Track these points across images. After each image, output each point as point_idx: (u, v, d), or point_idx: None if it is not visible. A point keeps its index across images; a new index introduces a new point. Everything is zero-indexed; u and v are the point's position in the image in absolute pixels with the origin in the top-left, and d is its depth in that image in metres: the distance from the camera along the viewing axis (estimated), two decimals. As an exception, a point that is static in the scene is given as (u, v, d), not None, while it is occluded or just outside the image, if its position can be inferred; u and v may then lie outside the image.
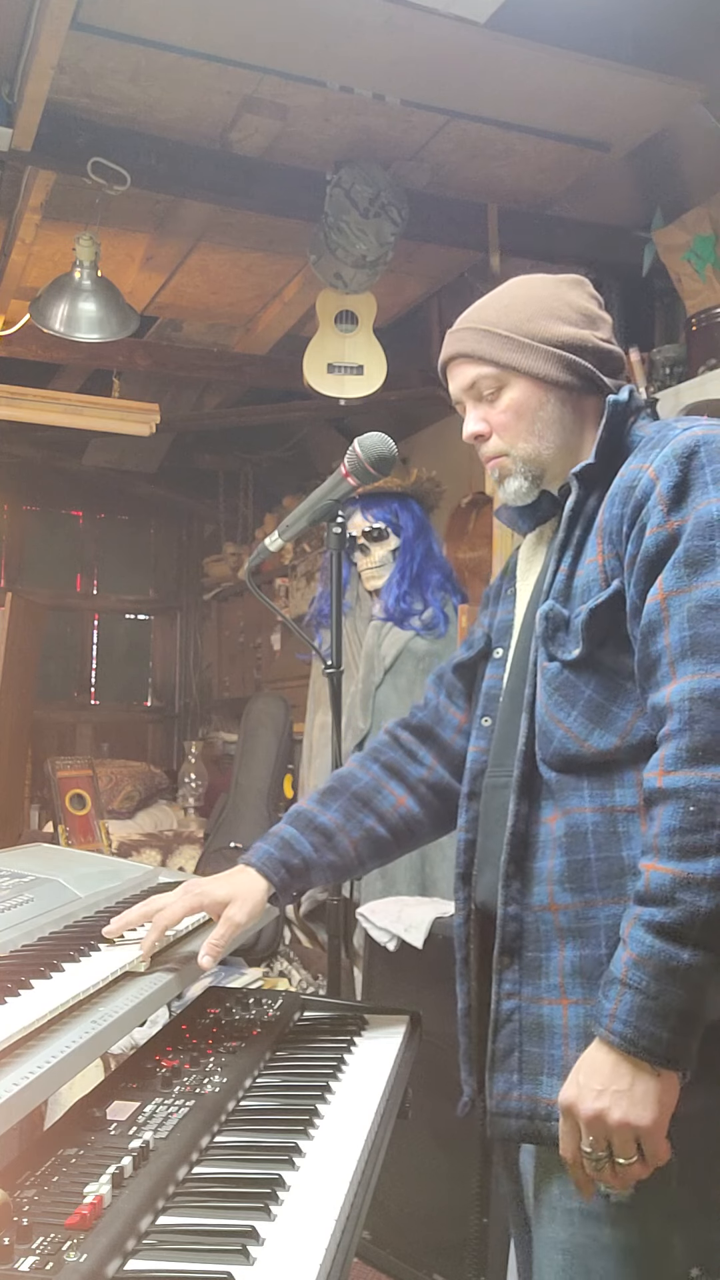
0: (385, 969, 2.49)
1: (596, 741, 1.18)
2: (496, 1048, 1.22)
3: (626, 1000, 1.03)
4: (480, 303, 1.37)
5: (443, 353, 1.37)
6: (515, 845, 1.23)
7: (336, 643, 2.03)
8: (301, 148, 3.20)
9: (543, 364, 1.29)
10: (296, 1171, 1.07)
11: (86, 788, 4.50)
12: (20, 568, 6.41)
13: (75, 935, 1.43)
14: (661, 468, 1.16)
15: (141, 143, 3.09)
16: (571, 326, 1.30)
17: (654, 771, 1.07)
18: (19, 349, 3.98)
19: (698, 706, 1.04)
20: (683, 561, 1.11)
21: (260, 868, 1.40)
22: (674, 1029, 1.02)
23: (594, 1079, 1.05)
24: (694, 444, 1.16)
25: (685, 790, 1.03)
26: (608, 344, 1.33)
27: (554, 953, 1.19)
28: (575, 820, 1.18)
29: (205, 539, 6.80)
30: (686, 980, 1.01)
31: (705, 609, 1.08)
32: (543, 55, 2.71)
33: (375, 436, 1.82)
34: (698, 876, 1.01)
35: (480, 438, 1.34)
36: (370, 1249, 2.40)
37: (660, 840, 1.04)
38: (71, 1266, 0.82)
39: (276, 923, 3.76)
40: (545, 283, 1.35)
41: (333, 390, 3.59)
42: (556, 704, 1.22)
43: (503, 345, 1.30)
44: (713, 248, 3.03)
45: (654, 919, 1.03)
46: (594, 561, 1.22)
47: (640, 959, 1.03)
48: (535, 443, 1.31)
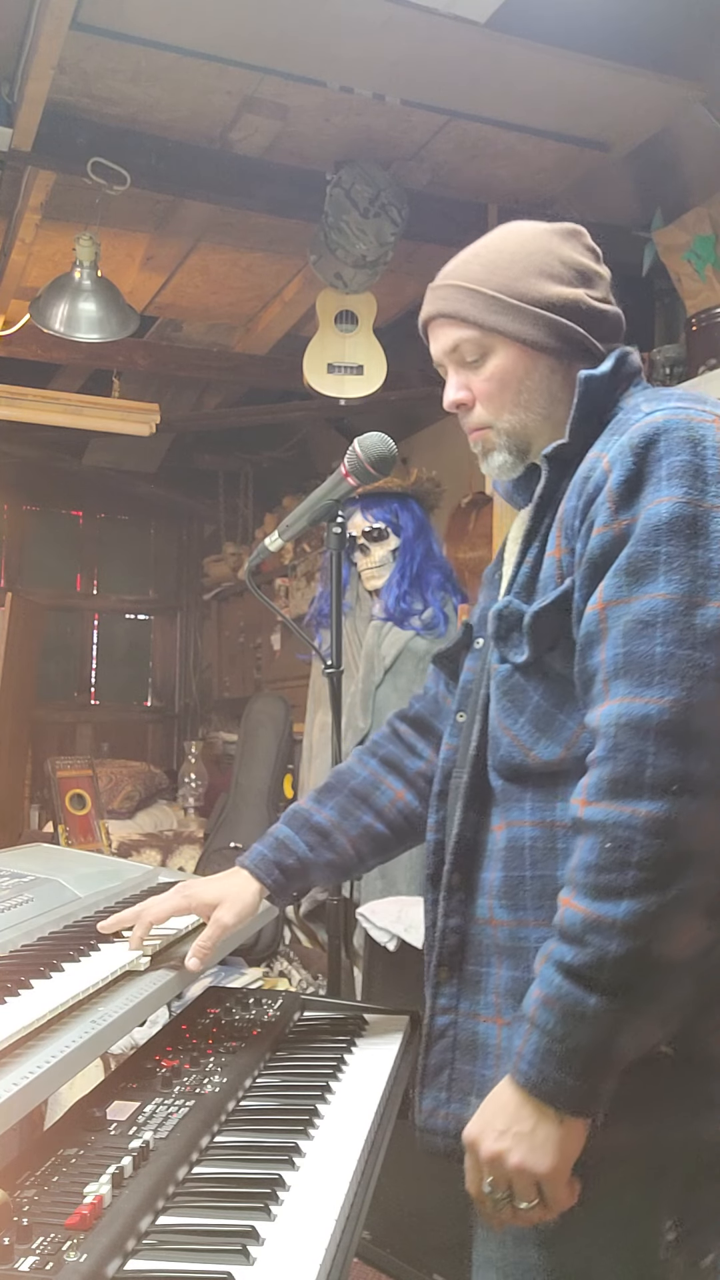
0: (385, 969, 2.49)
1: (542, 751, 1.11)
2: (428, 1063, 1.18)
3: (533, 1041, 0.98)
4: (465, 254, 1.24)
5: (423, 309, 1.26)
6: (461, 855, 1.18)
7: (336, 643, 2.03)
8: (301, 148, 3.20)
9: (530, 328, 1.18)
10: (296, 1171, 1.07)
11: (86, 788, 4.50)
12: (20, 568, 6.41)
13: (75, 935, 1.44)
14: (615, 459, 1.06)
15: (141, 143, 3.10)
16: (563, 285, 1.19)
17: (578, 798, 1.00)
18: (19, 349, 3.99)
19: (623, 734, 0.96)
20: (624, 569, 1.01)
21: (253, 869, 1.38)
22: (579, 1075, 0.96)
23: (498, 1118, 1.00)
24: (653, 433, 1.05)
25: (603, 824, 0.96)
26: (603, 304, 1.22)
27: (493, 969, 1.15)
28: (515, 834, 1.13)
29: (205, 539, 6.80)
30: (594, 1025, 0.95)
31: (641, 625, 0.98)
32: (543, 55, 2.71)
33: (375, 436, 1.82)
34: (608, 920, 0.94)
35: (462, 406, 1.23)
36: (370, 1249, 2.40)
37: (577, 875, 0.98)
38: (71, 1266, 0.82)
39: (276, 923, 3.76)
40: (537, 234, 1.22)
41: (333, 390, 3.59)
42: (504, 709, 1.16)
43: (488, 306, 1.19)
44: (713, 248, 3.03)
45: (563, 959, 0.97)
46: (552, 555, 1.13)
47: (548, 999, 0.97)
48: (521, 414, 1.21)
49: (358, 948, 2.73)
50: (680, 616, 0.97)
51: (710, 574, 0.99)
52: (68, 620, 6.56)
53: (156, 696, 6.85)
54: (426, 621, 2.98)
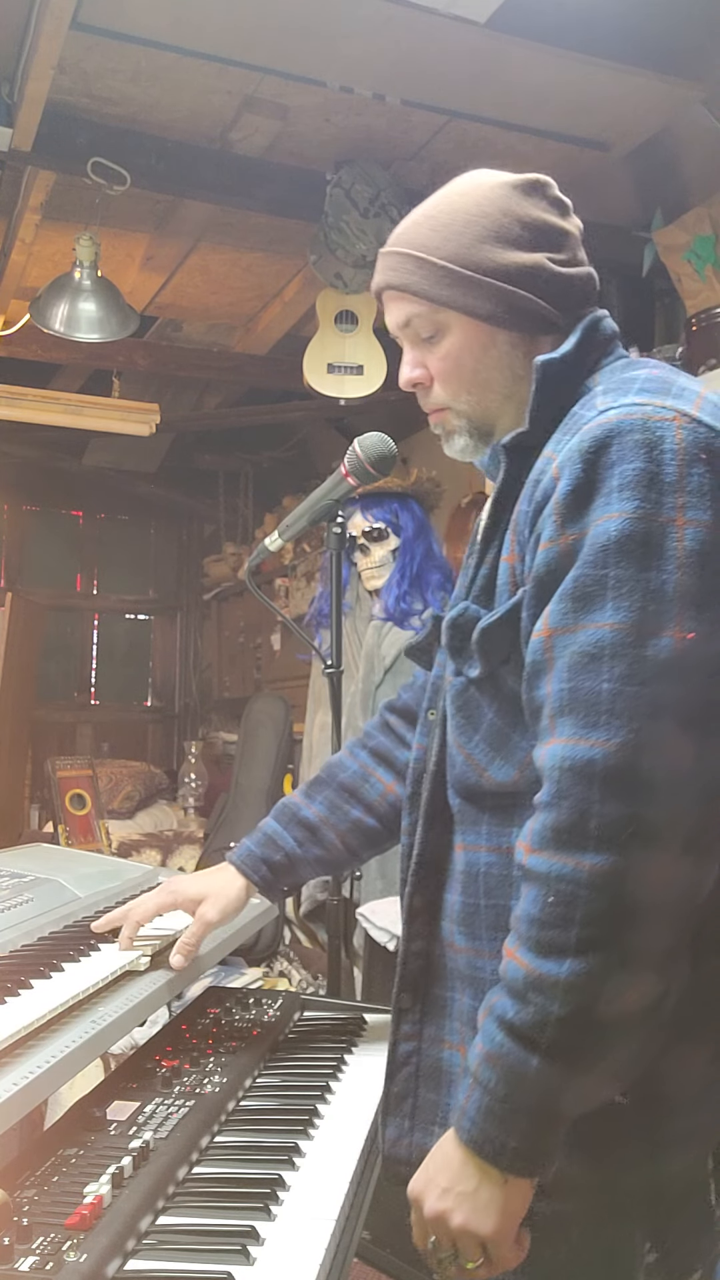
0: (385, 969, 2.49)
1: (496, 772, 1.04)
2: (391, 1091, 1.13)
3: (475, 1098, 0.92)
4: (417, 213, 1.14)
5: (374, 278, 1.16)
6: (421, 876, 1.12)
7: (336, 643, 2.03)
8: (301, 148, 3.20)
9: (486, 302, 1.07)
10: (296, 1171, 1.07)
11: (86, 788, 4.50)
12: (20, 568, 6.41)
13: (75, 935, 1.44)
14: (564, 465, 0.95)
15: (141, 143, 3.10)
16: (522, 251, 1.08)
17: (523, 843, 0.93)
18: (19, 349, 3.99)
19: (566, 779, 0.88)
20: (570, 594, 0.92)
21: (239, 865, 1.38)
22: (522, 1135, 0.90)
23: (441, 1175, 0.94)
24: (604, 436, 0.93)
25: (546, 876, 0.89)
26: (569, 266, 1.10)
27: (457, 994, 1.10)
28: (471, 859, 1.07)
29: (205, 539, 6.80)
30: (536, 1086, 0.89)
31: (587, 658, 0.89)
32: (543, 55, 2.71)
33: (375, 436, 1.82)
34: (550, 979, 0.87)
35: (419, 386, 1.15)
36: (370, 1249, 2.40)
37: (520, 926, 0.91)
38: (71, 1266, 0.82)
39: (276, 923, 3.76)
40: (494, 191, 1.11)
41: (333, 390, 3.59)
42: (459, 726, 1.09)
43: (439, 278, 1.08)
44: (713, 248, 3.03)
45: (505, 1015, 0.90)
46: (507, 561, 1.04)
47: (490, 1056, 0.91)
48: (480, 394, 1.11)
49: (358, 948, 2.73)
50: (629, 649, 0.88)
51: (663, 599, 0.89)
52: (68, 620, 6.56)
53: (156, 696, 6.85)
54: (426, 621, 2.98)
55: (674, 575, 0.89)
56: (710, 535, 0.90)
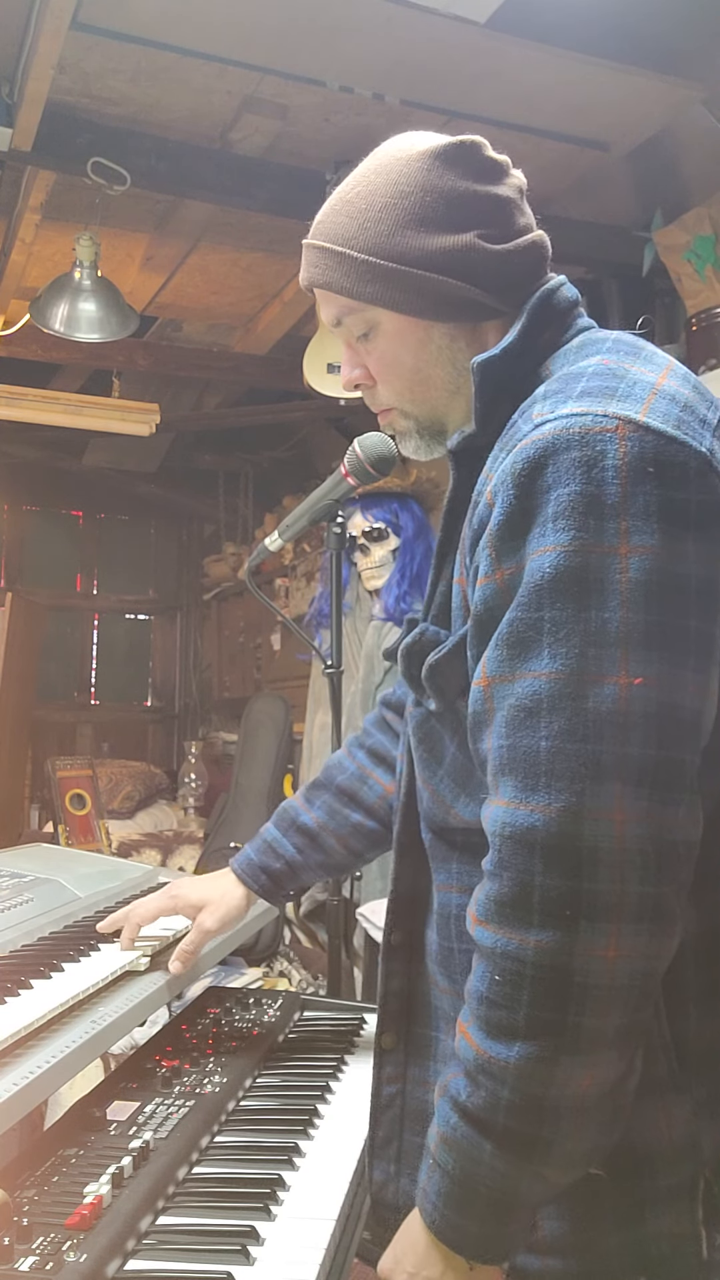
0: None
1: (462, 810, 0.97)
2: (376, 1135, 1.07)
3: (434, 1181, 0.86)
4: (334, 200, 1.03)
5: (300, 273, 1.06)
6: (398, 914, 1.07)
7: (336, 643, 2.03)
8: (301, 148, 3.20)
9: (415, 296, 0.97)
10: (296, 1171, 1.07)
11: (86, 788, 4.50)
12: (20, 568, 6.41)
13: (75, 935, 1.44)
14: (497, 490, 0.85)
15: (141, 143, 3.09)
16: (449, 233, 0.97)
17: (471, 911, 0.86)
18: (19, 349, 3.99)
19: (507, 848, 0.81)
20: (505, 640, 0.83)
21: (240, 873, 1.37)
22: (482, 1221, 0.84)
23: (408, 1258, 0.89)
24: (538, 456, 0.82)
25: (492, 952, 0.82)
26: (505, 241, 0.99)
27: (441, 1034, 1.04)
28: (444, 900, 1.01)
29: (205, 539, 6.80)
30: (491, 1172, 0.83)
31: (525, 713, 0.81)
32: (542, 55, 2.71)
33: (375, 437, 1.82)
34: (499, 1062, 0.81)
35: (361, 386, 1.06)
36: (370, 1249, 2.40)
37: (471, 1002, 0.85)
38: (71, 1266, 0.82)
39: (276, 923, 3.75)
40: (413, 166, 0.99)
41: (333, 390, 3.59)
42: (423, 760, 1.02)
43: (360, 274, 0.98)
44: (713, 248, 3.03)
45: (458, 1097, 0.84)
46: (458, 584, 0.96)
47: (445, 1138, 0.85)
48: (423, 392, 1.02)
49: (358, 948, 2.73)
50: (568, 700, 0.79)
51: (605, 642, 0.79)
52: (68, 620, 6.56)
53: (156, 696, 6.85)
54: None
55: (617, 613, 0.79)
56: (658, 562, 0.79)
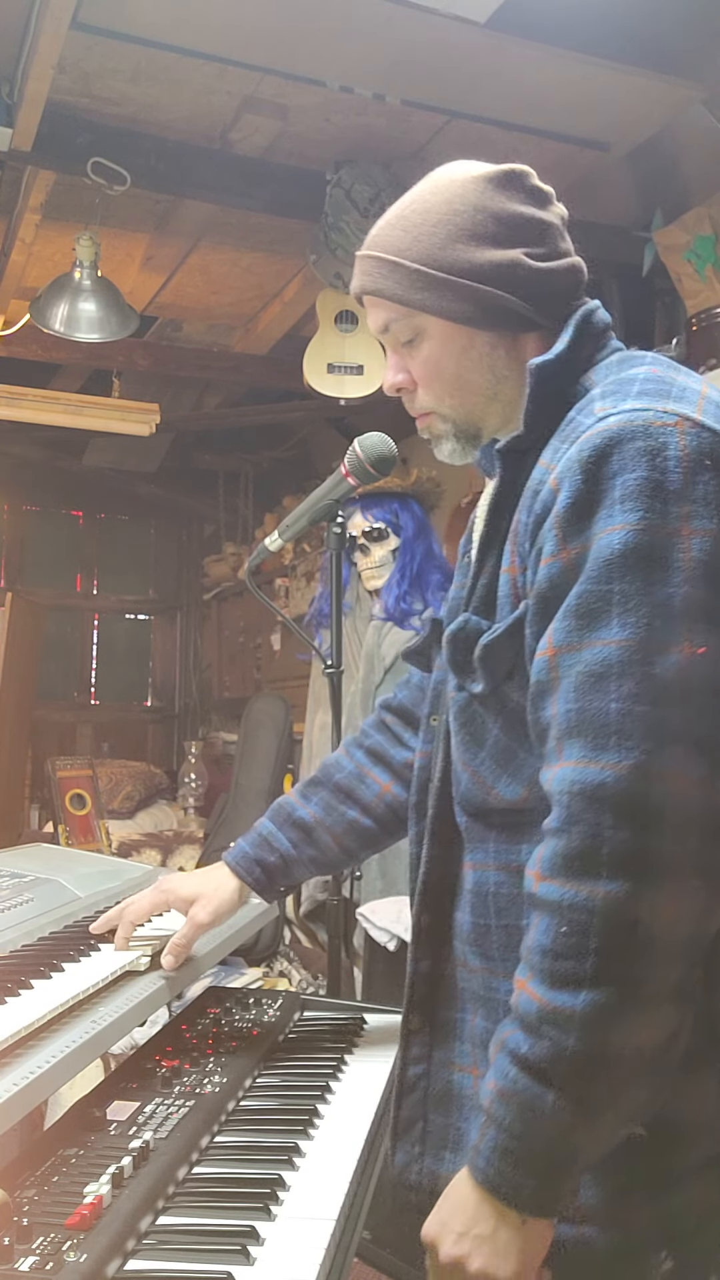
0: (385, 969, 2.49)
1: (504, 790, 1.02)
2: (399, 1116, 1.11)
3: (490, 1137, 0.89)
4: (390, 214, 1.13)
5: (352, 283, 1.15)
6: (428, 895, 1.10)
7: (336, 643, 2.03)
8: (301, 148, 3.20)
9: (461, 304, 1.05)
10: (296, 1171, 1.07)
11: (86, 788, 4.50)
12: (20, 568, 6.41)
13: (75, 935, 1.44)
14: (563, 476, 0.93)
15: (141, 143, 3.09)
16: (497, 248, 1.05)
17: (533, 870, 0.90)
18: (19, 349, 3.99)
19: (576, 804, 0.86)
20: (574, 611, 0.89)
21: (234, 866, 1.38)
22: (539, 1175, 0.87)
23: (456, 1218, 0.91)
24: (604, 445, 0.90)
25: (558, 905, 0.86)
26: (549, 260, 1.07)
27: (468, 1016, 1.07)
28: (480, 878, 1.05)
29: (205, 539, 6.80)
30: (552, 1123, 0.86)
31: (594, 678, 0.87)
32: (543, 55, 2.71)
33: (375, 436, 1.82)
34: (566, 1011, 0.85)
35: (403, 390, 1.13)
36: (370, 1249, 2.40)
37: (532, 957, 0.88)
38: (71, 1266, 0.82)
39: (276, 923, 3.76)
40: (467, 186, 1.09)
41: (333, 390, 3.59)
42: (464, 742, 1.07)
43: (411, 282, 1.06)
44: (713, 248, 3.03)
45: (519, 1050, 0.87)
46: (508, 573, 1.01)
47: (503, 1093, 0.88)
48: (463, 397, 1.10)
49: (358, 948, 2.73)
50: (636, 667, 0.85)
51: (670, 614, 0.86)
52: (68, 620, 6.56)
53: (156, 696, 6.85)
54: (426, 621, 2.98)
55: (681, 588, 0.86)
56: (717, 545, 0.88)
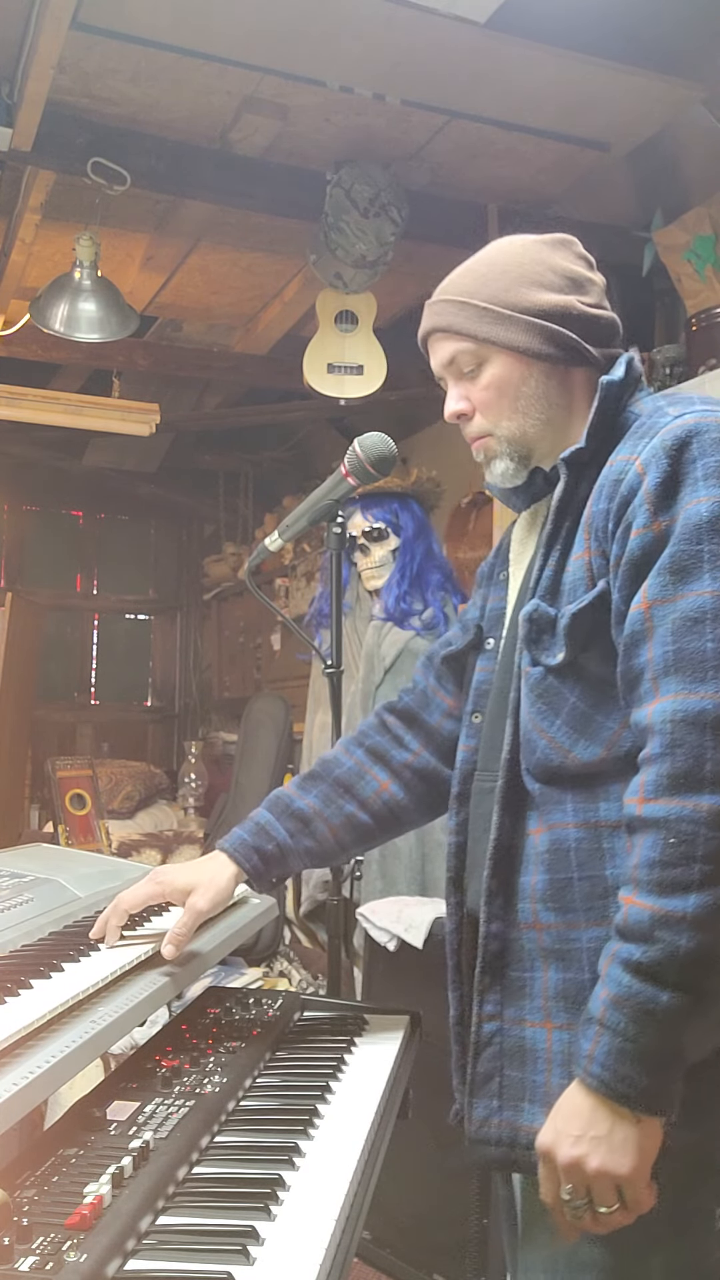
0: (385, 969, 2.49)
1: (581, 753, 1.12)
2: (477, 1072, 1.17)
3: (604, 1042, 0.98)
4: (458, 270, 1.29)
5: (421, 326, 1.31)
6: (499, 859, 1.18)
7: (336, 643, 2.03)
8: (301, 148, 3.20)
9: (523, 336, 1.21)
10: (296, 1171, 1.07)
11: (86, 788, 4.50)
12: (20, 568, 6.41)
13: (75, 935, 1.43)
14: (649, 461, 1.09)
15: (141, 143, 3.10)
16: (554, 293, 1.22)
17: (634, 798, 1.01)
18: (19, 349, 3.98)
19: (679, 730, 0.99)
20: (668, 568, 1.04)
21: (231, 852, 1.39)
22: (654, 1073, 0.97)
23: (572, 1123, 1.00)
24: (685, 435, 1.08)
25: (665, 821, 0.97)
26: (595, 309, 1.24)
27: (538, 973, 1.15)
28: (558, 836, 1.13)
29: (205, 539, 6.80)
30: (665, 1022, 0.96)
31: (690, 622, 1.01)
32: (542, 55, 2.71)
33: (375, 436, 1.82)
34: (677, 914, 0.95)
35: (462, 416, 1.27)
36: (370, 1249, 2.40)
37: (639, 873, 0.99)
38: (71, 1266, 0.82)
39: (276, 923, 3.76)
40: (526, 245, 1.26)
41: (333, 390, 3.59)
42: (540, 712, 1.16)
43: (480, 317, 1.23)
44: (713, 248, 3.03)
45: (631, 957, 0.97)
46: (581, 558, 1.15)
47: (618, 999, 0.97)
48: (520, 420, 1.24)
49: (358, 948, 2.73)
50: None
51: None
52: (68, 620, 6.56)
53: (156, 696, 6.85)
54: (426, 621, 2.98)
55: None
56: None
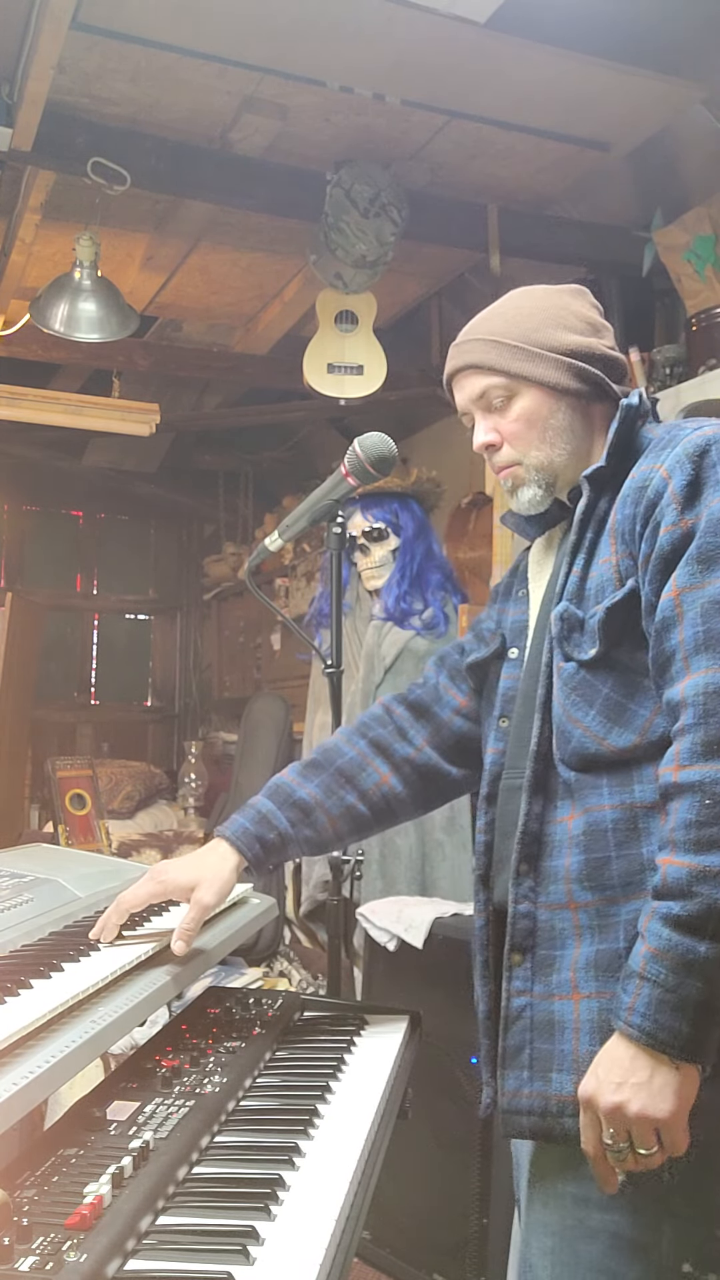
0: (385, 969, 2.49)
1: (615, 740, 1.20)
2: (507, 1045, 1.22)
3: (645, 993, 1.04)
4: (483, 315, 1.38)
5: (448, 365, 1.39)
6: (527, 843, 1.24)
7: (336, 643, 2.03)
8: (301, 148, 3.20)
9: (553, 372, 1.30)
10: (296, 1171, 1.07)
11: (86, 788, 4.50)
12: (20, 568, 6.41)
13: (75, 935, 1.43)
14: (674, 467, 1.19)
15: (141, 143, 3.09)
16: (579, 335, 1.33)
17: (669, 766, 1.09)
18: (19, 349, 3.98)
19: (712, 701, 1.06)
20: (695, 559, 1.13)
21: (233, 841, 1.40)
22: (693, 1021, 1.03)
23: (613, 1072, 1.06)
24: (705, 443, 1.19)
25: (700, 784, 1.05)
26: (612, 351, 1.35)
27: (569, 950, 1.20)
28: (595, 818, 1.19)
29: (205, 539, 6.80)
30: (705, 973, 1.02)
31: (717, 605, 1.10)
32: (543, 55, 2.71)
33: (375, 436, 1.82)
34: (714, 869, 1.02)
35: (492, 448, 1.35)
36: (370, 1249, 2.40)
37: (676, 834, 1.06)
38: (71, 1266, 0.82)
39: (276, 923, 3.76)
40: (548, 293, 1.37)
41: (333, 390, 3.59)
42: (574, 704, 1.23)
43: (512, 355, 1.31)
44: (713, 248, 3.03)
45: (671, 912, 1.04)
46: (608, 561, 1.24)
47: (658, 952, 1.04)
48: (548, 451, 1.32)
49: (358, 948, 2.73)
50: None
51: None
52: (68, 620, 6.56)
53: (156, 696, 6.85)
54: (426, 621, 2.98)
55: None
56: None
